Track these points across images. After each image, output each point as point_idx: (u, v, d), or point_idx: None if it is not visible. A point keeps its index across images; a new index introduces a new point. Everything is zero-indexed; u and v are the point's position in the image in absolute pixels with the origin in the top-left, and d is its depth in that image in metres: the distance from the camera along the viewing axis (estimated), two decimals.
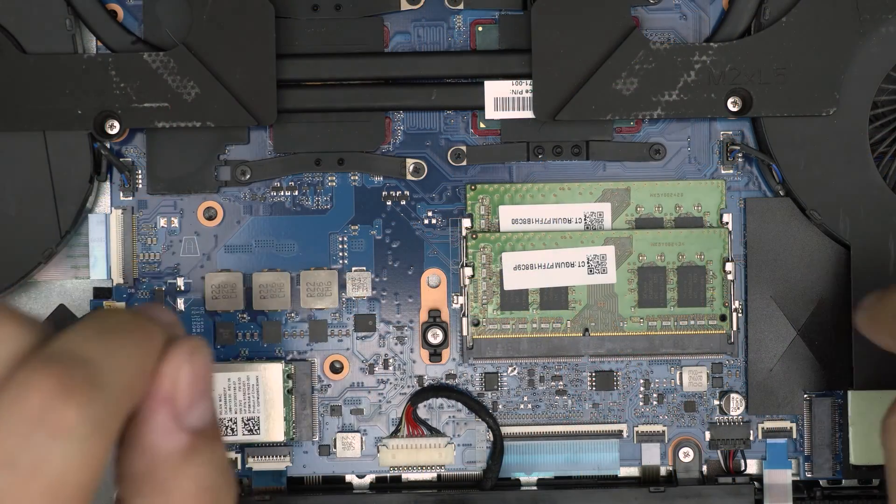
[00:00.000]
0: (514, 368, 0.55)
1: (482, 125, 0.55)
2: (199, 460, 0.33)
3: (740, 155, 0.54)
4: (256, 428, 0.52)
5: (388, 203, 0.55)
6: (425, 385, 0.55)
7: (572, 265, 0.54)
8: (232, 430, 0.52)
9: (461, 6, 0.55)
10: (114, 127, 0.52)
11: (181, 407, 0.33)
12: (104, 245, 0.54)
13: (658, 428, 0.55)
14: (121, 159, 0.54)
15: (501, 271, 0.54)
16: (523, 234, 0.54)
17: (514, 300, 0.54)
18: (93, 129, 0.52)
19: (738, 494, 0.53)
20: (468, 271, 0.54)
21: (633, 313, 0.54)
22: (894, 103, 0.53)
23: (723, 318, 0.54)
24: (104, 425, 0.30)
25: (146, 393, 0.32)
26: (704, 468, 0.55)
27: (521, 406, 0.55)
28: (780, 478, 0.54)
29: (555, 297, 0.54)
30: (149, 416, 0.33)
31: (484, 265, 0.54)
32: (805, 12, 0.52)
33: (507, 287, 0.54)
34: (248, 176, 0.54)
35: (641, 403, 0.55)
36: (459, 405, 0.55)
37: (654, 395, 0.55)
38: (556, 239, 0.54)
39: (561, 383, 0.55)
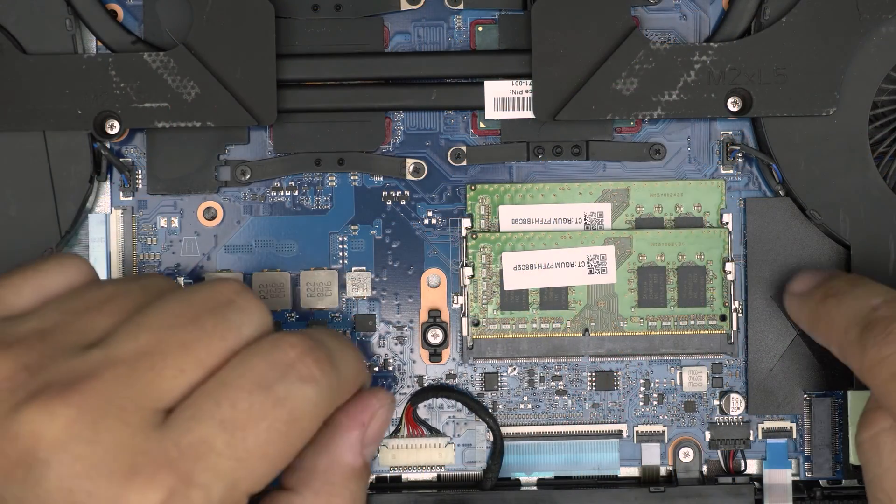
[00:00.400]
0: (514, 368, 0.55)
1: (482, 125, 0.55)
2: (360, 484, 0.43)
3: (740, 155, 0.54)
4: None
5: (388, 203, 0.55)
6: (425, 385, 0.55)
7: (572, 265, 0.54)
8: None
9: (461, 6, 0.55)
10: (114, 127, 0.52)
11: (368, 438, 0.44)
12: (104, 245, 0.54)
13: (658, 428, 0.55)
14: (121, 159, 0.54)
15: (501, 271, 0.54)
16: (523, 234, 0.54)
17: (514, 300, 0.54)
18: (93, 129, 0.52)
19: (738, 494, 0.53)
20: (468, 271, 0.54)
21: (633, 313, 0.54)
22: (894, 103, 0.53)
23: (723, 318, 0.54)
24: (334, 393, 0.41)
25: (342, 407, 0.43)
26: (704, 468, 0.55)
27: (521, 406, 0.55)
28: (780, 478, 0.54)
29: (555, 297, 0.54)
30: (344, 430, 0.43)
31: (484, 265, 0.54)
32: (805, 12, 0.52)
33: (507, 287, 0.54)
34: (248, 176, 0.54)
35: (641, 403, 0.55)
36: (459, 405, 0.55)
37: (654, 395, 0.55)
38: (556, 239, 0.54)
39: (561, 383, 0.55)
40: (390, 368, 0.55)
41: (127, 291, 0.42)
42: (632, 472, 0.56)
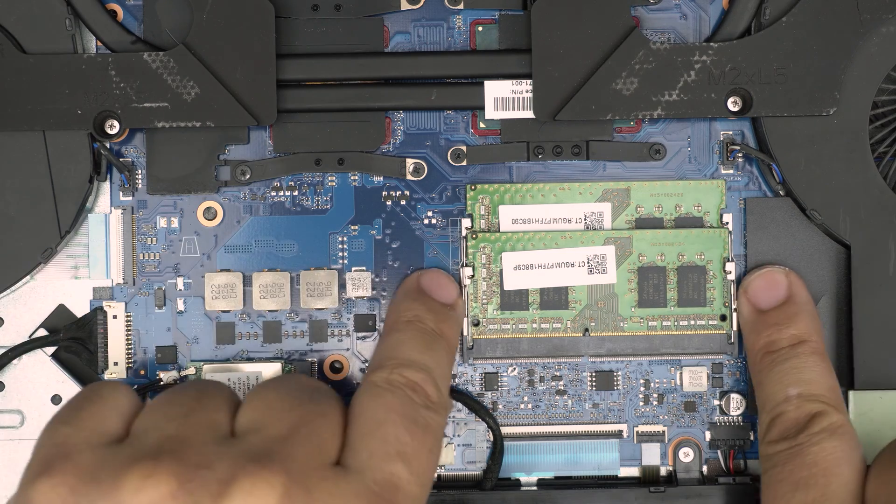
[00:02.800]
0: (514, 368, 0.55)
1: (482, 125, 0.55)
2: None
3: (740, 155, 0.54)
4: None
5: (388, 203, 0.55)
6: None
7: (572, 265, 0.54)
8: None
9: (461, 6, 0.55)
10: (114, 127, 0.52)
11: None
12: (104, 245, 0.54)
13: (658, 428, 0.55)
14: (121, 159, 0.54)
15: (501, 271, 0.54)
16: (523, 234, 0.54)
17: (514, 300, 0.54)
18: (93, 128, 0.52)
19: (739, 494, 0.53)
20: (468, 271, 0.54)
21: (633, 313, 0.54)
22: (894, 103, 0.53)
23: (723, 318, 0.54)
24: (448, 409, 0.50)
25: None
26: (704, 468, 0.55)
27: (521, 406, 0.55)
28: None
29: (555, 297, 0.54)
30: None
31: (484, 265, 0.54)
32: (805, 12, 0.52)
33: (507, 287, 0.54)
34: (248, 176, 0.54)
35: (641, 403, 0.55)
36: (459, 405, 0.55)
37: (655, 396, 0.55)
38: (556, 239, 0.54)
39: (561, 383, 0.55)
40: None
41: (205, 391, 0.45)
42: (632, 472, 0.56)
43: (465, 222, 0.55)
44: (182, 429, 0.42)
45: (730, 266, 0.54)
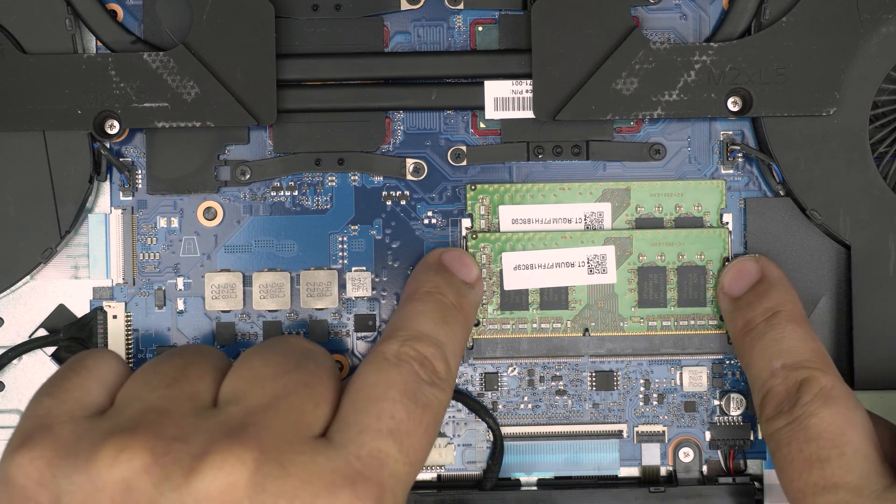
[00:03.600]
0: (514, 368, 0.55)
1: (482, 125, 0.55)
2: None
3: (740, 155, 0.54)
4: None
5: (388, 203, 0.55)
6: None
7: (572, 265, 0.54)
8: None
9: (461, 6, 0.55)
10: (114, 127, 0.52)
11: None
12: (104, 245, 0.54)
13: (658, 428, 0.55)
14: (120, 159, 0.54)
15: (501, 271, 0.54)
16: (523, 234, 0.54)
17: (514, 300, 0.54)
18: (93, 128, 0.52)
19: (739, 494, 0.53)
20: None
21: (633, 313, 0.54)
22: (894, 103, 0.53)
23: (723, 318, 0.54)
24: (453, 384, 0.47)
25: None
26: (704, 468, 0.55)
27: (521, 406, 0.55)
28: None
29: (555, 298, 0.54)
30: None
31: (484, 265, 0.54)
32: (805, 12, 0.52)
33: (507, 287, 0.54)
34: (247, 176, 0.54)
35: (641, 403, 0.55)
36: (459, 405, 0.55)
37: (655, 395, 0.55)
38: (556, 239, 0.54)
39: (561, 383, 0.55)
40: None
41: (191, 359, 0.44)
42: (632, 472, 0.56)
43: (465, 222, 0.55)
44: (163, 400, 0.41)
45: None
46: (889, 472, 0.44)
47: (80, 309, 0.55)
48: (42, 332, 0.54)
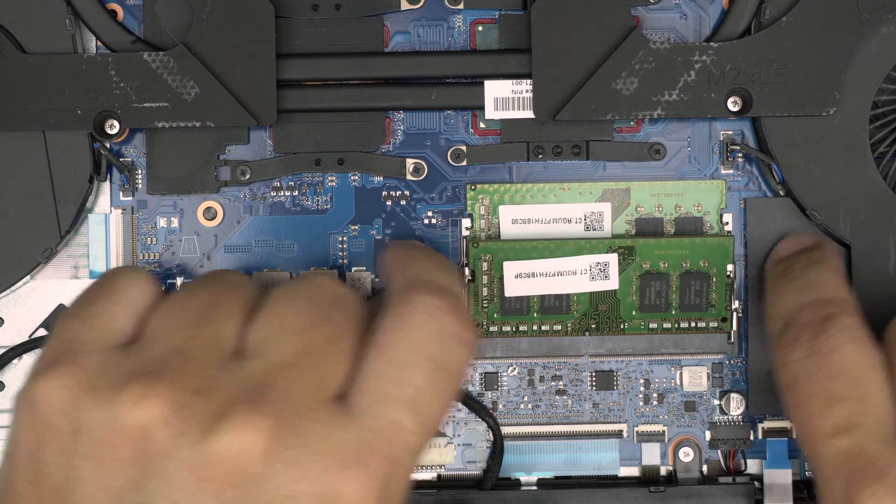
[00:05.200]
0: (514, 368, 0.55)
1: (482, 125, 0.55)
2: None
3: (740, 155, 0.54)
4: None
5: (388, 203, 0.55)
6: None
7: (574, 273, 0.54)
8: None
9: (461, 6, 0.55)
10: (114, 127, 0.52)
11: None
12: (104, 245, 0.54)
13: (658, 428, 0.55)
14: (120, 159, 0.54)
15: (502, 278, 0.54)
16: (525, 241, 0.54)
17: (515, 306, 0.54)
18: (93, 128, 0.52)
19: (739, 494, 0.53)
20: (468, 271, 0.54)
21: (634, 316, 0.54)
22: (894, 103, 0.53)
23: (724, 319, 0.54)
24: (474, 339, 0.43)
25: None
26: (704, 468, 0.55)
27: (521, 406, 0.55)
28: (781, 478, 0.54)
29: (556, 304, 0.54)
30: None
31: (485, 272, 0.54)
32: (805, 12, 0.52)
33: (507, 294, 0.54)
34: (247, 176, 0.54)
35: (641, 403, 0.55)
36: (459, 405, 0.55)
37: (655, 395, 0.55)
38: (558, 247, 0.54)
39: (561, 383, 0.55)
40: None
41: (221, 294, 0.43)
42: (632, 471, 0.56)
43: (465, 222, 0.55)
44: (188, 341, 0.41)
45: (730, 266, 0.54)
46: None
47: None
48: (42, 332, 0.54)
